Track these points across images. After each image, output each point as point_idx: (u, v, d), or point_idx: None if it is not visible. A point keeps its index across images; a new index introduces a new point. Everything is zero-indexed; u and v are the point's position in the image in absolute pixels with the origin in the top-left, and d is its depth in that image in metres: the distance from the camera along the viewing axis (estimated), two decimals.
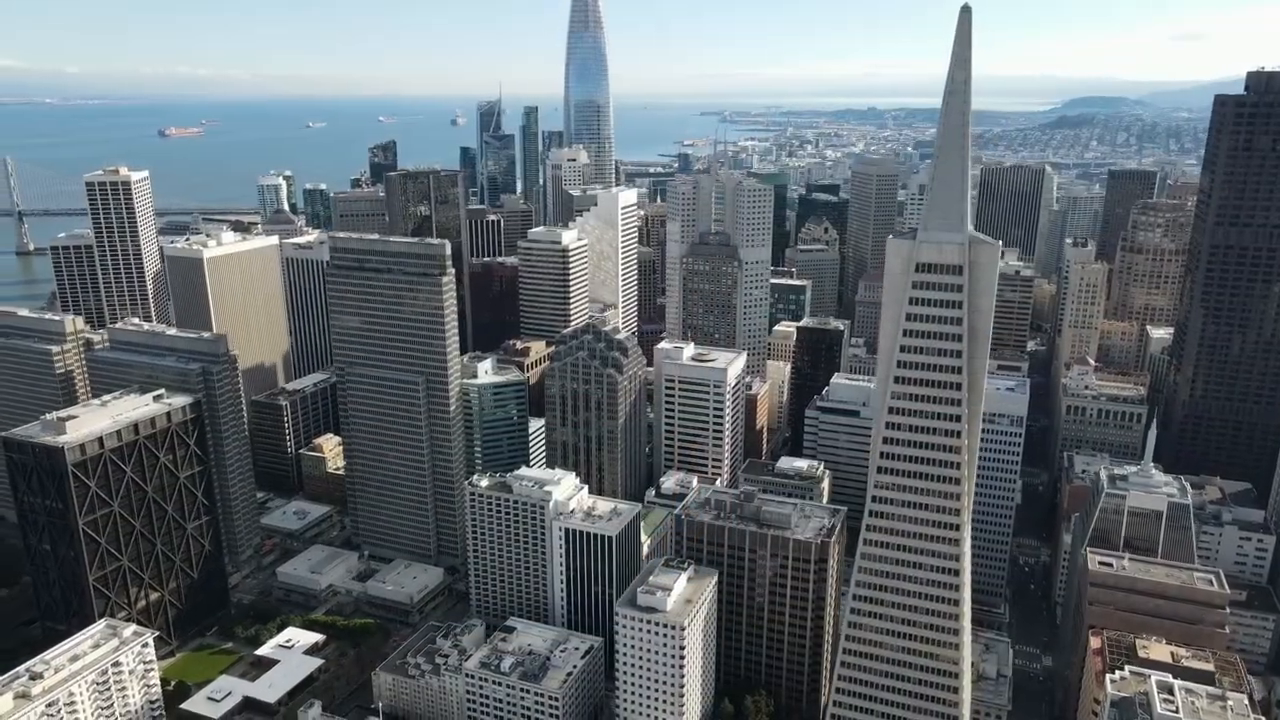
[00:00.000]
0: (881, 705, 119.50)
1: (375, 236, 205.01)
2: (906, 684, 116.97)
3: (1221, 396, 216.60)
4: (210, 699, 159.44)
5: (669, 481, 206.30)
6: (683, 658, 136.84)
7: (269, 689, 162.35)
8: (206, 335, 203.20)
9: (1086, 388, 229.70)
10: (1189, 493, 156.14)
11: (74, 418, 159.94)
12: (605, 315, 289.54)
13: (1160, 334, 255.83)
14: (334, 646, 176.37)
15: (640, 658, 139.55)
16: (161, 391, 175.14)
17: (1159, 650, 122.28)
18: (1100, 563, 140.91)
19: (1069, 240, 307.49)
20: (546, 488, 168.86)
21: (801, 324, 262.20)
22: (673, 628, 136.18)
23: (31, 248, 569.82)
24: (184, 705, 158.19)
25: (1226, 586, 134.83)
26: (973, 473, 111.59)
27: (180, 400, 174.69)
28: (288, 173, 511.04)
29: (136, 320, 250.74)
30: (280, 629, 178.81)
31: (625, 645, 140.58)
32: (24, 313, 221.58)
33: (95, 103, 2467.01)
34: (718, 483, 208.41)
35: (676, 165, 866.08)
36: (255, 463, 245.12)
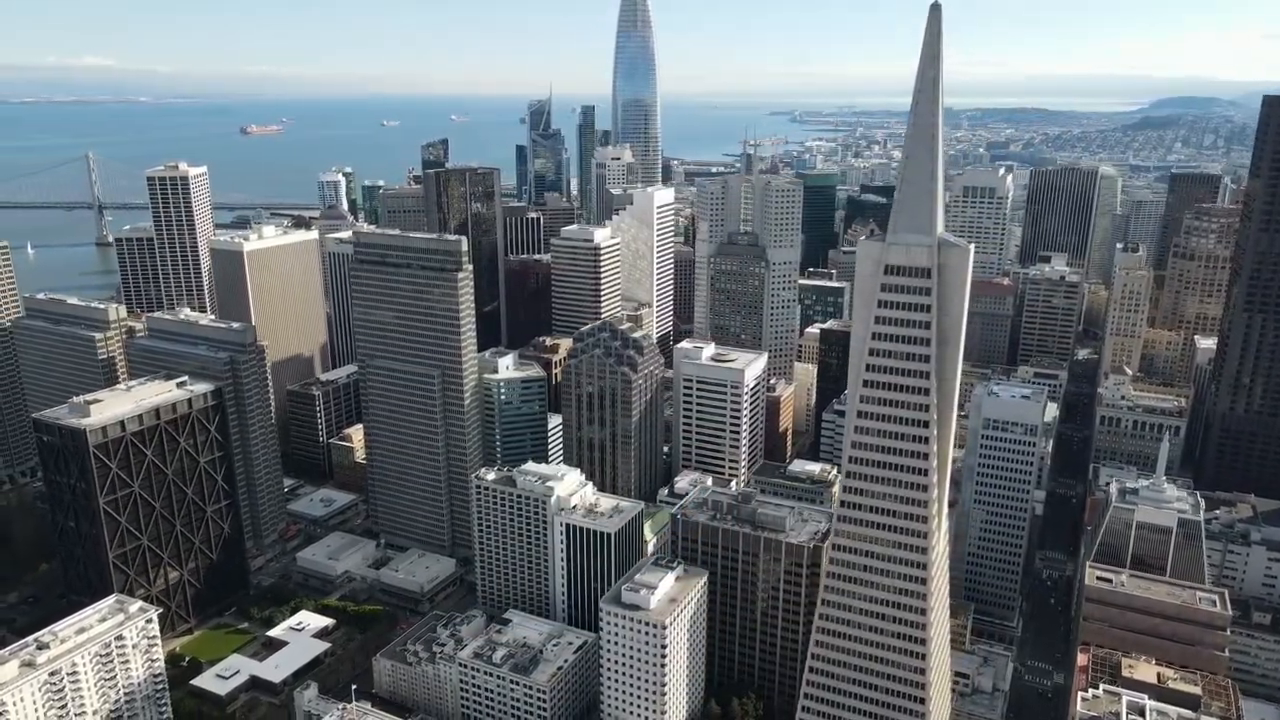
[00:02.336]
0: (849, 713, 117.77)
1: (396, 232, 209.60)
2: (873, 691, 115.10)
3: (1265, 411, 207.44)
4: (219, 676, 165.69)
5: (682, 481, 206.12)
6: (664, 656, 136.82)
7: (275, 669, 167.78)
8: (236, 325, 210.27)
9: (1122, 398, 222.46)
10: (1202, 508, 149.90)
11: (99, 401, 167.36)
12: (639, 314, 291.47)
13: (1208, 344, 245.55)
14: (342, 631, 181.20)
15: (623, 655, 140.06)
16: (185, 378, 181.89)
17: (1145, 670, 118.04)
18: (1099, 578, 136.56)
19: (1119, 245, 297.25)
20: (549, 483, 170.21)
21: (825, 326, 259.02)
22: (654, 626, 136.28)
23: (110, 239, 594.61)
24: (194, 681, 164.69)
25: (1229, 607, 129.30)
26: (944, 478, 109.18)
27: (202, 387, 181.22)
28: (348, 169, 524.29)
29: (187, 310, 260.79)
30: (293, 612, 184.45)
31: (609, 642, 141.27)
32: (73, 300, 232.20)
33: (184, 101, 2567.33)
34: (733, 484, 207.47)
35: (740, 165, 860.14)
36: (289, 451, 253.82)
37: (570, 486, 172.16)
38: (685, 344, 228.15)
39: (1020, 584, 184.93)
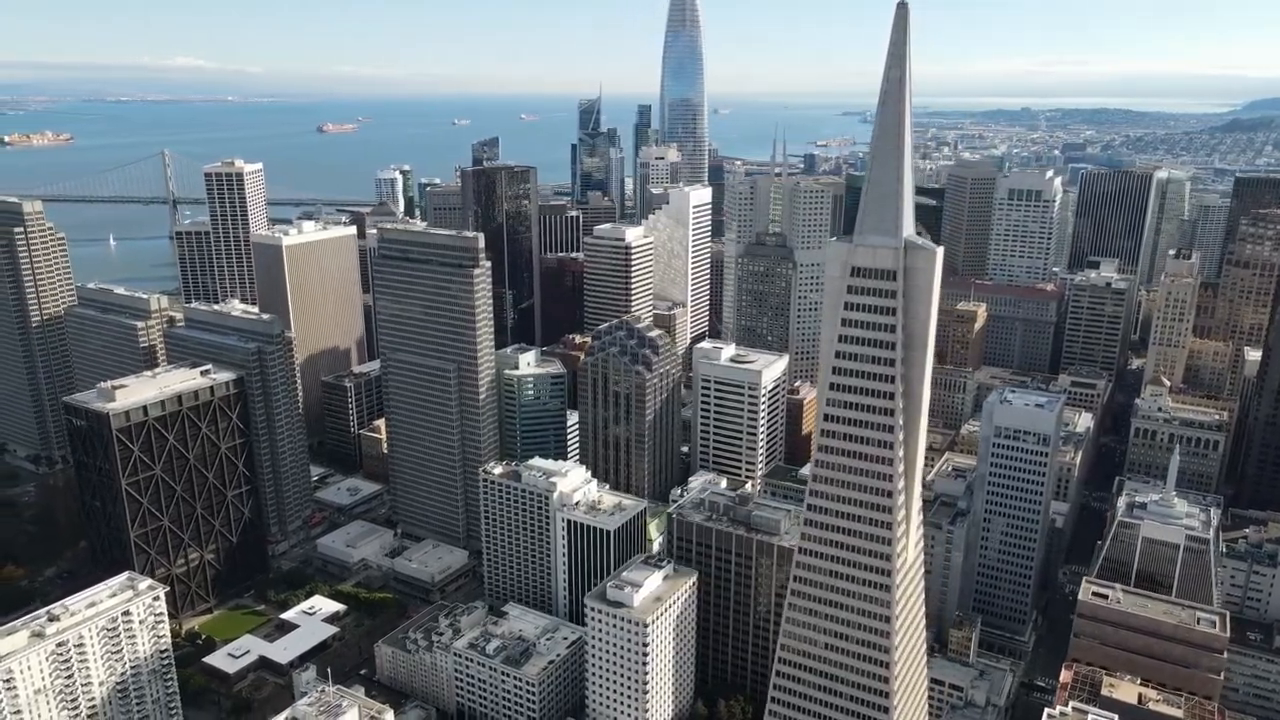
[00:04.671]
0: (813, 718, 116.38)
1: (419, 228, 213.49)
2: (838, 698, 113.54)
3: None
4: (230, 655, 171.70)
5: (697, 482, 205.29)
6: (645, 654, 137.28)
7: (283, 651, 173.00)
8: (265, 317, 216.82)
9: (1159, 410, 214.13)
10: (1213, 525, 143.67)
11: (124, 387, 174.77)
12: (672, 313, 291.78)
13: (1256, 356, 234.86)
14: (352, 617, 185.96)
15: (607, 651, 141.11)
16: (209, 366, 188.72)
17: (1127, 690, 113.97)
18: (1094, 594, 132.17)
19: (1170, 252, 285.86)
20: (552, 479, 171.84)
21: None
22: (636, 624, 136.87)
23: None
24: (206, 659, 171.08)
25: (1228, 629, 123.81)
26: (912, 484, 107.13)
27: (224, 376, 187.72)
28: (406, 167, 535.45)
29: (236, 301, 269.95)
30: (308, 596, 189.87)
31: (593, 638, 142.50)
32: (120, 290, 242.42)
33: (269, 100, 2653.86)
34: (747, 486, 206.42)
35: (802, 166, 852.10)
36: (323, 440, 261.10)
37: (574, 483, 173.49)
38: (705, 344, 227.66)
39: (1035, 598, 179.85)
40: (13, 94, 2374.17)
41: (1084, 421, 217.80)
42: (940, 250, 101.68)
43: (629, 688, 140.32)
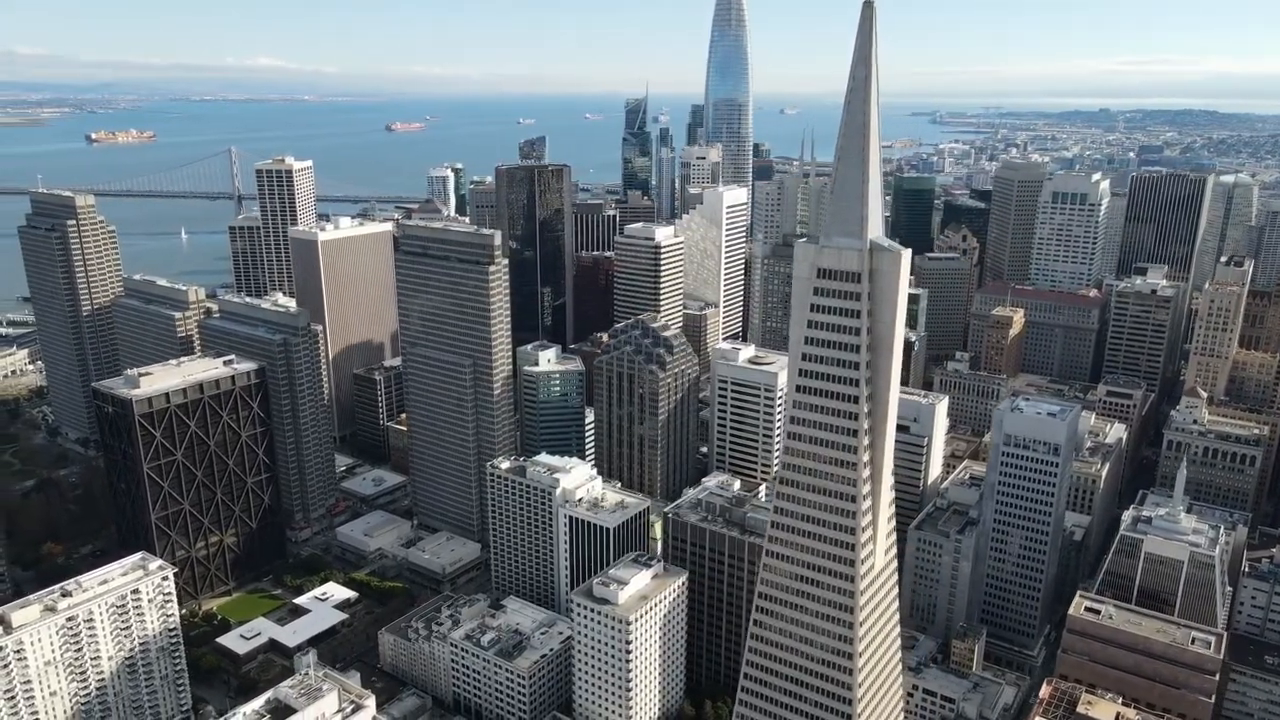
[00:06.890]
0: None
1: (440, 224, 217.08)
2: (803, 703, 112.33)
3: None
4: (241, 637, 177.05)
5: (710, 483, 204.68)
6: (629, 652, 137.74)
7: (293, 635, 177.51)
8: (293, 309, 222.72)
9: (1194, 422, 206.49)
10: (1220, 542, 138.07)
11: (149, 375, 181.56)
12: (704, 313, 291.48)
13: None
14: (363, 605, 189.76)
15: (591, 648, 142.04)
16: (231, 357, 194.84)
17: (1105, 708, 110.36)
18: (1087, 609, 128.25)
19: (1222, 259, 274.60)
20: (556, 475, 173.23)
21: None
22: (620, 621, 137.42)
23: None
24: (219, 639, 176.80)
25: (1223, 651, 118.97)
26: (880, 489, 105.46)
27: (246, 366, 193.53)
28: (458, 165, 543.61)
29: (279, 295, 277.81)
30: (322, 583, 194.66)
31: (579, 635, 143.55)
32: (162, 282, 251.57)
33: (344, 100, 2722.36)
34: (761, 488, 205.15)
35: None
36: (354, 432, 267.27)
37: (577, 479, 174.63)
38: (723, 345, 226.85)
39: (1047, 612, 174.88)
40: (103, 93, 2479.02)
41: (1115, 432, 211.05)
42: (907, 253, 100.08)
43: (613, 684, 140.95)
